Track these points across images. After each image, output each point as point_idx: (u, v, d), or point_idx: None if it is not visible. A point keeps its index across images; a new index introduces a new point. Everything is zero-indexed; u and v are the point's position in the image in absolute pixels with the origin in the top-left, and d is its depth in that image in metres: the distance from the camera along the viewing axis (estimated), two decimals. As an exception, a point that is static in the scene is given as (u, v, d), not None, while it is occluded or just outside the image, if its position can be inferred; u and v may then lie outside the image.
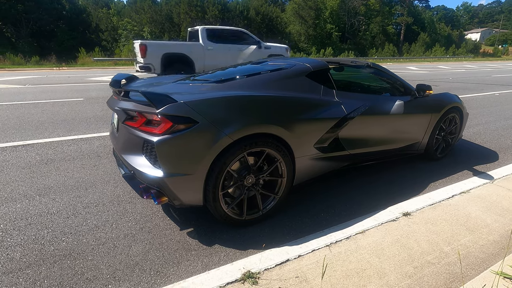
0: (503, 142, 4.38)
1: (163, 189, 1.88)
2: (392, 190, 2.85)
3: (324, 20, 48.92)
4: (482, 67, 26.40)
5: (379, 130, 2.88)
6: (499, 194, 2.79)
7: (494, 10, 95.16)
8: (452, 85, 11.63)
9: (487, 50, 59.89)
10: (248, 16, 38.64)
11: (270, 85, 2.36)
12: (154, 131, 1.83)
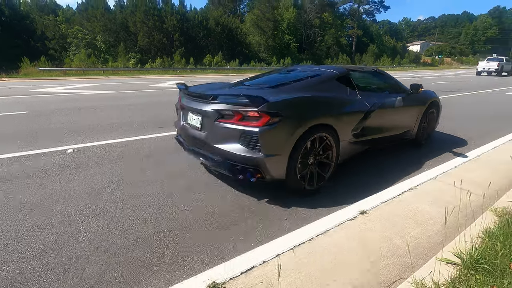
0: (439, 143, 4.88)
1: (260, 167, 2.46)
2: (349, 190, 3.01)
3: (282, 31, 50.75)
4: (424, 75, 29.34)
5: (388, 120, 3.72)
6: (441, 189, 3.09)
7: (430, 25, 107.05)
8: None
9: (427, 60, 66.79)
10: (207, 26, 38.67)
11: (315, 88, 3.06)
12: (254, 124, 2.42)
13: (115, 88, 12.66)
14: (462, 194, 2.89)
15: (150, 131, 5.11)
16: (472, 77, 25.02)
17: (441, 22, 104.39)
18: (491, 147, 4.54)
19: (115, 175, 3.22)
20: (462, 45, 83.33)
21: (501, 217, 2.24)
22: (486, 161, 3.94)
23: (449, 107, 8.58)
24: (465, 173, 3.53)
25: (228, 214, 2.52)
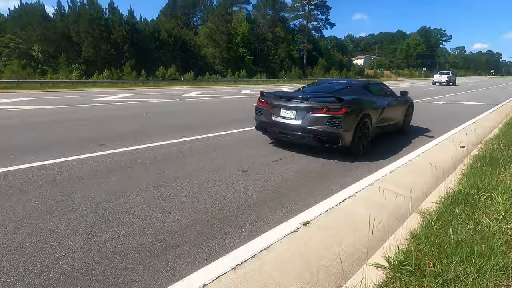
0: (374, 150, 5.30)
1: (340, 138, 4.14)
2: (292, 199, 3.08)
3: (236, 44, 51.61)
4: (367, 86, 31.97)
5: (390, 114, 5.61)
6: (377, 194, 3.31)
7: (371, 41, 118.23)
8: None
9: (369, 72, 73.12)
10: (159, 37, 37.74)
11: (357, 92, 5.06)
12: (338, 113, 4.08)
13: (52, 103, 11.57)
14: (394, 198, 3.13)
15: (87, 150, 4.71)
16: (407, 88, 27.96)
17: (379, 38, 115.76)
18: (421, 152, 5.04)
19: (41, 203, 2.87)
20: (398, 59, 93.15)
21: (424, 218, 2.45)
22: (417, 165, 4.35)
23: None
24: (398, 177, 3.85)
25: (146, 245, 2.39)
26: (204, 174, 3.80)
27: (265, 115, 4.93)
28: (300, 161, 4.43)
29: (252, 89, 24.04)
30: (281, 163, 4.31)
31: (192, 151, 4.83)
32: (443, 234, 2.13)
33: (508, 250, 1.94)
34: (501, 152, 4.20)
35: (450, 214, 2.44)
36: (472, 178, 3.25)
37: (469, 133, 6.56)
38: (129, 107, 11.10)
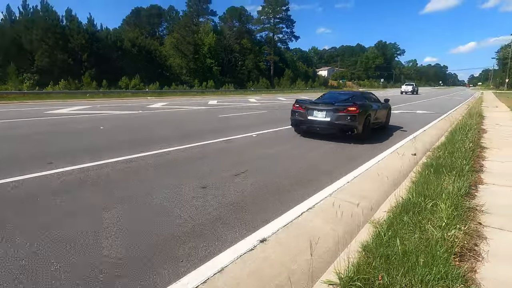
0: (335, 161, 5.47)
1: (356, 128, 6.43)
2: (251, 214, 3.02)
3: (203, 55, 51.43)
4: (330, 97, 33.41)
5: (379, 115, 7.76)
6: (335, 205, 3.37)
7: (333, 53, 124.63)
8: (309, 113, 14.10)
9: (333, 83, 76.63)
10: (122, 47, 36.43)
11: (360, 99, 7.41)
12: (354, 112, 6.34)
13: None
14: (350, 209, 3.21)
15: (32, 169, 4.29)
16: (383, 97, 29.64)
17: (341, 51, 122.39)
18: (377, 160, 5.27)
19: (-36, 234, 2.51)
20: (358, 71, 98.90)
21: (375, 229, 2.52)
22: (374, 173, 4.52)
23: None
24: (355, 187, 3.96)
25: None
26: (161, 192, 3.61)
27: (300, 115, 7.15)
28: (261, 174, 4.41)
29: (219, 100, 23.95)
30: (243, 177, 4.26)
31: (150, 167, 4.61)
32: (392, 244, 2.19)
33: (449, 257, 2.04)
34: (445, 159, 4.53)
35: (399, 224, 2.53)
36: (420, 186, 3.44)
37: (420, 140, 7.03)
38: (86, 120, 10.44)
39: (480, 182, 3.84)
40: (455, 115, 13.00)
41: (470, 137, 6.55)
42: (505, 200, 3.23)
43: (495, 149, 5.81)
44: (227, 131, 8.03)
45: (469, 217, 2.78)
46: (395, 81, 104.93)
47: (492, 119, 11.02)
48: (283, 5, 65.43)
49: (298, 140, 7.21)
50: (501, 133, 7.81)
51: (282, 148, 6.22)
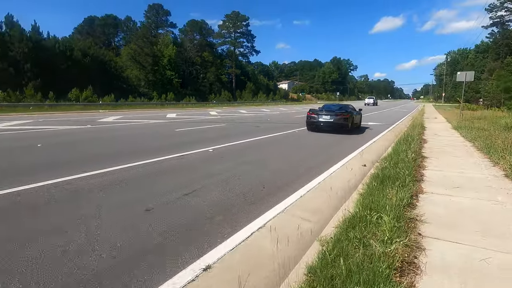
0: (284, 175, 5.50)
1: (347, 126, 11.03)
2: (198, 238, 2.82)
3: (163, 66, 50.19)
4: (291, 109, 34.44)
5: (356, 119, 12.28)
6: (286, 222, 3.31)
7: (293, 68, 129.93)
8: (269, 125, 14.25)
9: (293, 96, 79.44)
10: (72, 57, 34.09)
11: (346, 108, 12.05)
12: (346, 116, 11.05)
13: None
14: (301, 224, 3.16)
15: None
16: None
17: (300, 66, 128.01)
18: (329, 173, 5.39)
19: None
20: (316, 84, 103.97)
21: (322, 247, 2.48)
22: (325, 188, 4.58)
23: (299, 139, 10.06)
24: (308, 202, 3.96)
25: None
26: (99, 217, 3.25)
27: (313, 118, 11.29)
28: (213, 192, 4.22)
29: (179, 113, 23.32)
30: (192, 196, 4.03)
31: (92, 189, 4.17)
32: (337, 264, 2.15)
33: (390, 273, 2.05)
34: (390, 170, 4.77)
35: (345, 240, 2.52)
36: (367, 198, 3.53)
37: (370, 152, 7.40)
38: (23, 137, 9.37)
39: (421, 192, 4.07)
40: (401, 127, 14.08)
41: (413, 147, 7.06)
42: (442, 209, 3.43)
43: (434, 158, 6.31)
44: (183, 146, 7.72)
45: (410, 228, 2.88)
46: (350, 94, 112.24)
47: (432, 130, 12.12)
48: (243, 20, 67.02)
49: (257, 153, 7.17)
50: (439, 143, 8.56)
51: (239, 163, 6.11)
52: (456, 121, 15.26)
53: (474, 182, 4.52)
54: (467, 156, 6.54)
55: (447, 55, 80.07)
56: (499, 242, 2.60)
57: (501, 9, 43.27)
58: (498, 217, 3.16)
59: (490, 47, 51.22)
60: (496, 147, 6.97)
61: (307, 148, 8.22)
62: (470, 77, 16.90)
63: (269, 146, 8.34)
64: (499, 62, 42.94)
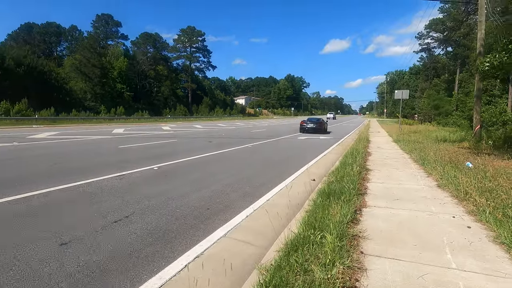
0: (231, 198, 5.26)
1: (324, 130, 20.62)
2: (122, 277, 2.38)
3: (113, 79, 47.42)
4: (247, 124, 34.65)
5: (326, 126, 21.62)
6: (228, 248, 3.02)
7: (250, 83, 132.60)
8: (223, 140, 13.97)
9: (250, 111, 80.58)
10: (3, 65, 30.39)
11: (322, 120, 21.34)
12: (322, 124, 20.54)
13: None
14: (243, 250, 2.89)
15: None
16: (281, 125, 31.86)
17: (257, 82, 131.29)
18: (277, 191, 5.25)
19: None
20: (272, 100, 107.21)
21: (260, 278, 2.23)
22: (272, 206, 4.39)
23: (255, 153, 9.95)
24: (253, 223, 3.72)
25: None
26: (2, 254, 2.62)
27: (304, 125, 19.71)
28: (147, 218, 3.76)
29: (128, 128, 21.89)
30: (123, 223, 3.53)
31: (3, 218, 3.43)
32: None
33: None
34: (337, 184, 4.80)
35: (286, 267, 2.31)
36: (312, 216, 3.42)
37: (319, 166, 7.50)
38: None
39: (364, 205, 4.11)
40: (348, 141, 14.86)
41: (358, 160, 7.34)
42: (383, 223, 3.45)
43: (377, 171, 6.59)
44: (124, 165, 7.04)
45: (352, 246, 2.79)
46: (303, 109, 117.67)
47: (376, 143, 12.96)
48: (199, 35, 67.03)
49: (206, 170, 6.80)
50: (381, 155, 9.09)
51: (184, 182, 5.69)
52: (396, 135, 16.63)
53: (411, 193, 4.74)
54: (405, 168, 6.98)
55: (387, 75, 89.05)
56: (435, 256, 2.63)
57: (427, 37, 49.58)
58: (434, 229, 3.26)
59: (421, 70, 58.23)
60: (429, 159, 7.58)
61: (258, 164, 8.09)
62: (406, 95, 18.73)
63: (219, 163, 8.04)
64: (428, 83, 48.89)
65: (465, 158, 7.80)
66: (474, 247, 2.80)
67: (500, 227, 3.11)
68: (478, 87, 12.06)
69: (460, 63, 37.89)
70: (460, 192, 4.48)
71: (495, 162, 7.23)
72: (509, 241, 2.80)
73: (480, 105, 12.15)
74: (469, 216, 3.62)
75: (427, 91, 42.86)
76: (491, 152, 9.02)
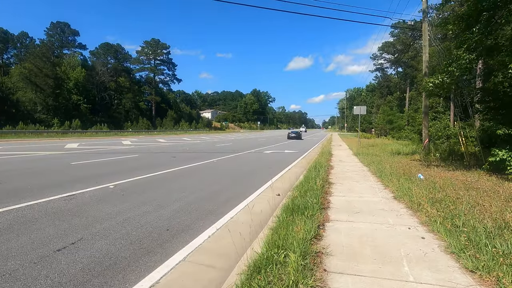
0: (208, 207, 5.06)
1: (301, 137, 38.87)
2: None
3: (68, 90, 44.42)
4: (213, 138, 34.26)
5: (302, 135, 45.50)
6: (186, 273, 2.81)
7: (216, 97, 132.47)
8: (187, 155, 13.56)
9: (217, 125, 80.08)
10: None
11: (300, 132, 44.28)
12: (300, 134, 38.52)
13: None
14: (203, 274, 2.71)
15: None
16: (248, 139, 31.96)
17: (223, 96, 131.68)
18: (240, 208, 5.13)
19: None
20: (239, 114, 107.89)
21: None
22: (233, 227, 4.22)
23: (218, 167, 9.77)
24: (215, 243, 3.55)
25: None
26: None
27: (290, 134, 35.92)
28: (97, 244, 3.40)
29: (84, 143, 20.40)
30: (68, 251, 3.15)
31: None
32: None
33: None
34: (300, 199, 4.82)
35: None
36: (276, 234, 3.35)
37: (283, 180, 7.54)
38: None
39: (327, 220, 4.15)
40: (312, 154, 15.29)
41: (321, 174, 7.52)
42: (345, 237, 3.49)
43: (339, 184, 6.79)
44: (75, 184, 6.45)
45: (316, 264, 2.76)
46: (270, 123, 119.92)
47: (337, 156, 13.48)
48: (164, 48, 65.97)
49: (168, 187, 6.46)
50: (343, 168, 9.43)
51: (142, 201, 5.33)
52: (356, 148, 17.50)
53: (370, 206, 4.91)
54: (365, 181, 7.28)
55: (347, 92, 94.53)
56: (394, 270, 2.68)
57: (381, 58, 54.03)
58: (392, 241, 3.36)
59: (376, 87, 62.91)
60: (385, 171, 8.02)
61: (223, 179, 7.91)
62: (364, 111, 19.96)
63: (182, 179, 7.72)
64: (383, 99, 52.83)
65: (417, 170, 8.38)
66: (429, 258, 2.92)
67: (449, 236, 3.30)
68: (425, 104, 13.23)
69: (409, 82, 41.58)
70: (414, 204, 4.74)
71: (443, 173, 7.86)
72: (458, 250, 2.97)
73: (427, 121, 13.29)
74: (422, 227, 3.81)
75: (382, 107, 46.30)
76: (439, 164, 9.83)
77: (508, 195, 5.18)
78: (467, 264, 2.70)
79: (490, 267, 2.57)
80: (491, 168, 7.78)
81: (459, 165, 9.34)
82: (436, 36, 21.78)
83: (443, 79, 8.53)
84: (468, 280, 2.47)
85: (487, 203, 4.61)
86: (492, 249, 2.86)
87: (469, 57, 7.83)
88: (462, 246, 3.01)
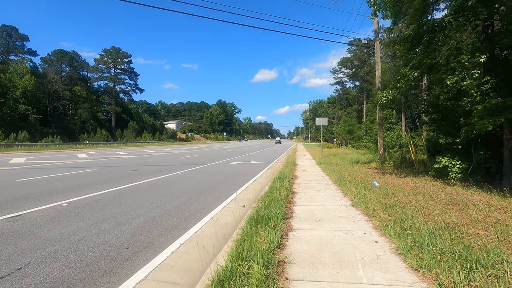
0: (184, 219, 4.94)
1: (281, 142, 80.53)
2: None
3: (14, 99, 40.64)
4: (178, 149, 33.39)
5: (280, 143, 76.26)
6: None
7: (181, 108, 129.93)
8: (150, 168, 13.07)
9: (182, 136, 78.24)
10: None
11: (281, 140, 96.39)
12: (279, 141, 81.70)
13: None
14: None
15: None
16: (214, 150, 31.65)
17: (188, 106, 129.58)
18: (204, 222, 5.09)
19: None
20: (205, 125, 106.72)
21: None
22: (198, 241, 4.19)
23: (184, 181, 9.58)
24: (178, 260, 3.48)
25: None
26: None
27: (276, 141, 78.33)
28: (48, 268, 3.16)
29: (32, 157, 18.69)
30: (13, 278, 2.88)
31: None
32: None
33: None
34: (264, 210, 4.92)
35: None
36: (240, 246, 3.39)
37: (248, 192, 7.61)
38: None
39: (290, 229, 4.29)
40: (278, 165, 15.62)
41: (285, 184, 7.73)
42: (306, 245, 3.64)
43: (302, 193, 7.03)
44: (22, 203, 5.91)
45: (278, 273, 2.84)
46: (236, 134, 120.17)
47: (301, 166, 13.94)
48: (125, 57, 63.61)
49: (127, 203, 6.17)
50: (306, 178, 9.78)
51: (100, 219, 5.04)
52: (319, 158, 18.24)
53: (330, 213, 5.17)
54: (326, 189, 7.63)
55: (310, 103, 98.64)
56: (350, 273, 2.86)
57: (340, 72, 57.51)
58: (348, 247, 3.58)
59: (337, 100, 66.53)
60: (345, 180, 8.48)
61: (188, 192, 7.76)
62: (325, 122, 20.94)
63: (145, 193, 7.44)
64: (343, 111, 55.96)
65: (373, 177, 8.99)
66: (381, 260, 3.16)
67: (399, 239, 3.60)
68: (379, 116, 14.32)
69: (366, 95, 44.69)
70: (369, 210, 5.09)
71: (395, 180, 8.53)
72: (405, 251, 3.26)
73: (382, 131, 14.37)
74: (376, 231, 4.11)
75: (342, 118, 49.00)
76: (393, 171, 10.64)
77: (448, 199, 5.79)
78: (413, 263, 2.97)
79: (431, 265, 2.87)
80: (436, 174, 8.63)
81: (410, 172, 10.20)
82: (387, 54, 23.84)
83: (393, 93, 9.36)
84: (413, 278, 2.73)
85: (431, 207, 5.11)
86: (433, 249, 3.19)
87: (413, 75, 8.72)
88: (408, 248, 3.31)
